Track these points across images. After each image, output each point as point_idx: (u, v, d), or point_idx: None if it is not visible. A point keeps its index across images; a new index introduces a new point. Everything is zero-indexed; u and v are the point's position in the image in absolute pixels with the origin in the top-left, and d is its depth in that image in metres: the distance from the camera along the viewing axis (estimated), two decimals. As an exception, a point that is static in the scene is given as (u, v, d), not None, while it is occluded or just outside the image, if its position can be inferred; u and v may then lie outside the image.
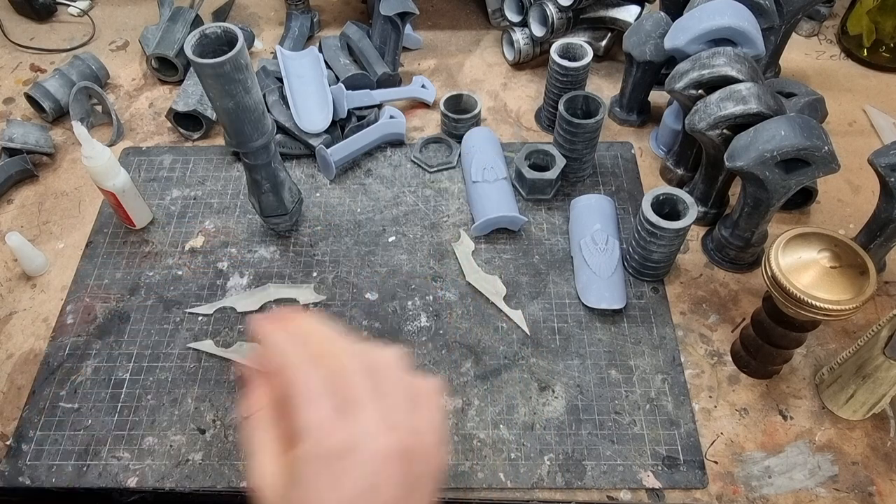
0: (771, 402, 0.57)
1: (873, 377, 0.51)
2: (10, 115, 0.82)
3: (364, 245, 0.68)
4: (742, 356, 0.58)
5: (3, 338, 0.62)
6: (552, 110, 0.75)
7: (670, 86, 0.63)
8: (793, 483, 0.53)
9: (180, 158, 0.77)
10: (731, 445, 0.55)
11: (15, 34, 0.93)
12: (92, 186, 0.73)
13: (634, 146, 0.77)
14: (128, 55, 0.91)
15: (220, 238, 0.69)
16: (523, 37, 0.84)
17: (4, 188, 0.73)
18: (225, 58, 0.48)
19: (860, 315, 0.62)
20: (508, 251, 0.67)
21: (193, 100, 0.77)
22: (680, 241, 0.60)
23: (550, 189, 0.71)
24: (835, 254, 0.48)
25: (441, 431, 0.35)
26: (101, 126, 0.81)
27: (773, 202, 0.58)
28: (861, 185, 0.73)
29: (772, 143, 0.54)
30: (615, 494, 0.53)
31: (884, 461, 0.54)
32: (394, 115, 0.77)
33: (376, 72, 0.80)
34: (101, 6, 0.99)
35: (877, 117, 0.80)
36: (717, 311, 0.63)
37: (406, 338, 0.61)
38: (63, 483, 0.53)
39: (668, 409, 0.56)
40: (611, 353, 0.60)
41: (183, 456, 0.54)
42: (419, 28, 0.93)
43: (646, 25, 0.71)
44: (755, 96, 0.57)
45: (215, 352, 0.60)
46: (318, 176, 0.75)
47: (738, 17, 0.62)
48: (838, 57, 0.89)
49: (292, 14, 0.91)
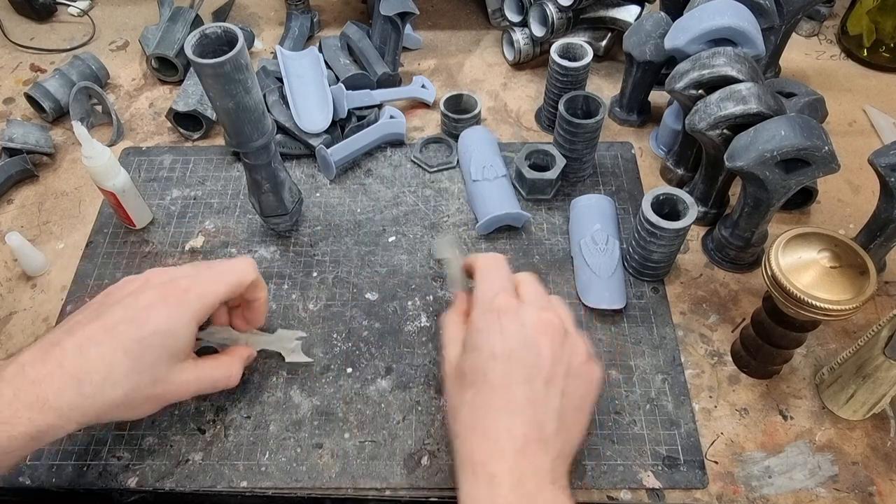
0: (771, 402, 0.57)
1: (873, 377, 0.51)
2: (10, 115, 0.82)
3: (364, 245, 0.68)
4: (742, 356, 0.58)
5: (3, 338, 0.62)
6: (552, 110, 0.75)
7: (670, 86, 0.63)
8: (793, 483, 0.53)
9: (180, 158, 0.77)
10: (731, 445, 0.55)
11: (15, 34, 0.93)
12: (92, 186, 0.73)
13: (634, 146, 0.77)
14: (128, 55, 0.91)
15: (220, 238, 0.69)
16: (523, 37, 0.84)
17: (4, 188, 0.73)
18: (225, 58, 0.48)
19: (860, 315, 0.62)
20: (508, 251, 0.67)
21: (193, 100, 0.77)
22: (680, 241, 0.61)
23: (550, 189, 0.71)
24: (835, 254, 0.48)
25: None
26: (101, 126, 0.81)
27: (773, 202, 0.58)
28: (861, 185, 0.73)
29: (772, 143, 0.54)
30: (615, 494, 0.53)
31: (884, 461, 0.54)
32: (394, 115, 0.77)
33: (376, 72, 0.80)
34: (101, 6, 0.99)
35: (877, 117, 0.80)
36: (717, 311, 0.63)
37: (406, 338, 0.61)
38: (63, 483, 0.53)
39: (668, 409, 0.56)
40: (611, 353, 0.60)
41: (183, 456, 0.54)
42: (419, 28, 0.93)
43: (646, 25, 0.71)
44: (755, 96, 0.57)
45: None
46: (318, 176, 0.75)
47: (738, 17, 0.62)
48: (838, 57, 0.89)
49: (292, 14, 0.91)
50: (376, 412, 0.56)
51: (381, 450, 0.55)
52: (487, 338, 0.44)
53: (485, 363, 0.43)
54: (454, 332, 0.48)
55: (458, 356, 0.46)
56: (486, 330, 0.44)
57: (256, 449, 0.55)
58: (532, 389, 0.42)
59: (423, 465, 0.54)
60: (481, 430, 0.41)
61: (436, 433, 0.55)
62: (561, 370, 0.43)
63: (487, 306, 0.45)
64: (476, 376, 0.43)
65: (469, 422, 0.42)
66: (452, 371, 0.46)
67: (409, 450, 0.55)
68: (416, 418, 0.56)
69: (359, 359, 0.60)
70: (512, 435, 0.41)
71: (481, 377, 0.43)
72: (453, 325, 0.49)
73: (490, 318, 0.44)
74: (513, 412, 0.41)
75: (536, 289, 0.48)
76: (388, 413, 0.57)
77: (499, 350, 0.43)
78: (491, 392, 0.42)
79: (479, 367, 0.43)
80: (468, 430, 0.42)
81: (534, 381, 0.42)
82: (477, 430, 0.42)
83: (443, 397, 0.53)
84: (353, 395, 0.57)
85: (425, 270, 0.66)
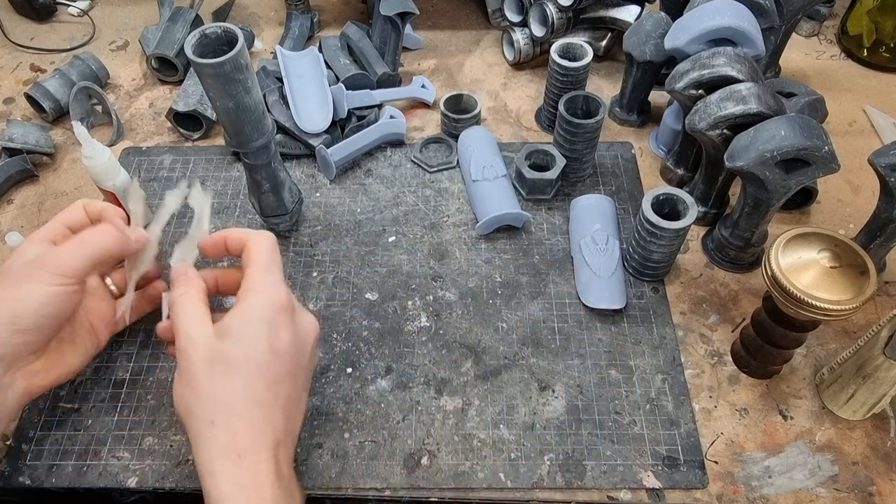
0: (771, 402, 0.57)
1: (873, 377, 0.51)
2: (10, 115, 0.82)
3: (364, 245, 0.68)
4: (742, 356, 0.58)
5: (3, 338, 0.62)
6: (552, 110, 0.75)
7: (670, 86, 0.63)
8: (793, 483, 0.53)
9: (180, 158, 0.77)
10: (731, 445, 0.55)
11: (15, 34, 0.93)
12: (92, 186, 0.73)
13: (634, 146, 0.77)
14: (128, 55, 0.91)
15: (220, 238, 0.69)
16: (523, 37, 0.84)
17: (4, 188, 0.73)
18: (225, 58, 0.48)
19: (860, 315, 0.62)
20: (508, 251, 0.67)
21: (193, 100, 0.77)
22: (680, 241, 0.61)
23: (550, 189, 0.71)
24: (835, 254, 0.48)
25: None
26: (101, 126, 0.81)
27: (773, 202, 0.58)
28: (861, 185, 0.73)
29: (772, 143, 0.54)
30: (615, 494, 0.53)
31: (884, 461, 0.54)
32: (394, 115, 0.77)
33: (376, 72, 0.80)
34: (101, 6, 0.99)
35: (877, 117, 0.80)
36: (717, 311, 0.63)
37: (406, 338, 0.61)
38: (63, 483, 0.53)
39: (668, 409, 0.56)
40: (611, 353, 0.60)
41: (183, 456, 0.54)
42: (419, 28, 0.93)
43: (646, 25, 0.71)
44: (755, 96, 0.57)
45: None
46: (318, 176, 0.75)
47: (738, 17, 0.62)
48: (838, 57, 0.89)
49: (292, 14, 0.91)
50: (376, 412, 0.56)
51: (381, 450, 0.55)
52: (274, 334, 0.45)
53: (263, 357, 0.44)
54: (201, 311, 0.47)
55: (211, 339, 0.44)
56: (274, 326, 0.45)
57: (256, 449, 0.55)
58: (295, 387, 0.46)
59: (422, 465, 0.54)
60: (248, 419, 0.43)
61: (436, 433, 0.55)
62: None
63: (278, 304, 0.46)
64: (248, 367, 0.44)
65: (235, 409, 0.43)
66: (206, 354, 0.44)
67: (408, 450, 0.55)
68: (416, 418, 0.56)
69: (359, 359, 0.60)
70: (276, 428, 0.44)
71: (254, 369, 0.44)
72: (198, 303, 0.47)
73: (283, 316, 0.46)
74: (282, 407, 0.45)
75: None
76: (388, 413, 0.57)
77: (280, 347, 0.45)
78: (265, 387, 0.44)
79: (254, 359, 0.44)
80: (232, 417, 0.43)
81: (296, 379, 0.47)
82: (244, 418, 0.43)
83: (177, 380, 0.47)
84: (352, 395, 0.58)
85: (425, 270, 0.66)
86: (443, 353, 0.60)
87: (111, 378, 0.59)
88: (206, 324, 0.45)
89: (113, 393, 0.58)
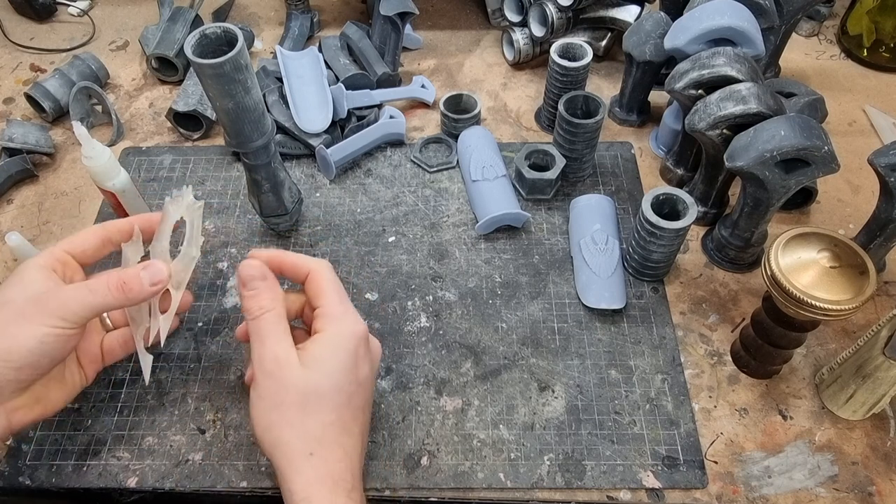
0: (771, 402, 0.57)
1: (873, 377, 0.51)
2: (10, 115, 0.82)
3: (364, 245, 0.68)
4: (742, 356, 0.58)
5: (3, 338, 0.62)
6: (552, 110, 0.75)
7: (670, 86, 0.63)
8: (793, 483, 0.53)
9: (180, 158, 0.77)
10: (730, 445, 0.55)
11: (15, 34, 0.93)
12: (92, 186, 0.73)
13: (634, 146, 0.77)
14: (128, 55, 0.91)
15: (220, 238, 0.69)
16: (523, 37, 0.84)
17: (4, 188, 0.73)
18: (225, 58, 0.48)
19: (860, 315, 0.62)
20: (508, 251, 0.67)
21: (193, 100, 0.77)
22: (680, 241, 0.61)
23: (550, 189, 0.71)
24: (835, 254, 0.48)
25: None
26: (101, 126, 0.81)
27: (773, 202, 0.58)
28: (861, 185, 0.73)
29: (772, 143, 0.54)
30: (615, 494, 0.53)
31: (884, 461, 0.54)
32: (394, 115, 0.77)
33: (376, 72, 0.80)
34: (101, 6, 0.99)
35: (877, 117, 0.80)
36: (717, 311, 0.63)
37: (406, 338, 0.61)
38: (63, 483, 0.53)
39: (668, 409, 0.56)
40: (611, 353, 0.60)
41: (183, 456, 0.54)
42: (419, 28, 0.93)
43: (646, 25, 0.71)
44: (755, 96, 0.57)
45: None
46: (318, 176, 0.75)
47: (738, 17, 0.62)
48: (838, 57, 0.89)
49: (292, 14, 0.91)
50: (376, 412, 0.56)
51: (381, 450, 0.55)
52: (357, 365, 0.46)
53: (349, 387, 0.46)
54: (287, 333, 0.47)
55: (299, 367, 0.45)
56: (357, 357, 0.46)
57: (256, 449, 0.55)
58: (369, 412, 0.49)
59: (422, 465, 0.54)
60: (341, 449, 0.45)
61: (435, 433, 0.55)
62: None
63: (360, 335, 0.47)
64: (340, 399, 0.45)
65: (328, 438, 0.45)
66: (299, 383, 0.44)
67: (408, 450, 0.55)
68: (416, 418, 0.56)
69: (359, 359, 0.60)
70: (360, 453, 0.46)
71: (345, 400, 0.45)
72: (285, 323, 0.47)
73: (363, 347, 0.47)
74: (362, 433, 0.47)
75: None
76: (388, 413, 0.57)
77: (362, 378, 0.47)
78: (352, 417, 0.46)
79: (344, 391, 0.45)
80: (326, 447, 0.44)
81: (370, 405, 0.49)
82: (336, 448, 0.44)
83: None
84: (352, 395, 0.57)
85: (425, 270, 0.66)
86: (442, 354, 0.60)
87: (111, 378, 0.59)
88: (293, 349, 0.45)
89: (113, 393, 0.58)
